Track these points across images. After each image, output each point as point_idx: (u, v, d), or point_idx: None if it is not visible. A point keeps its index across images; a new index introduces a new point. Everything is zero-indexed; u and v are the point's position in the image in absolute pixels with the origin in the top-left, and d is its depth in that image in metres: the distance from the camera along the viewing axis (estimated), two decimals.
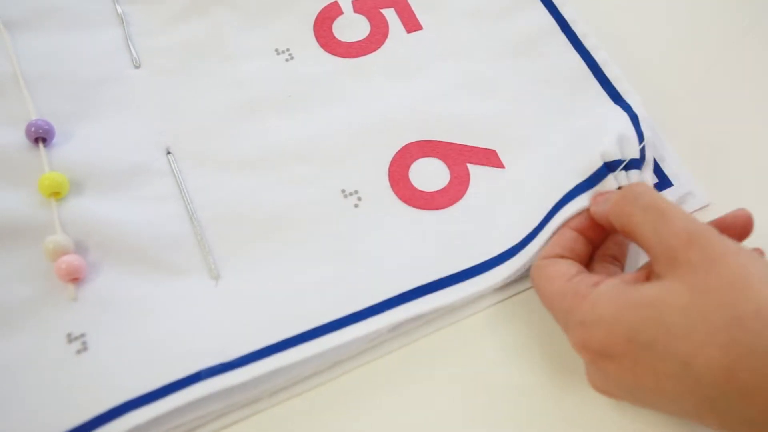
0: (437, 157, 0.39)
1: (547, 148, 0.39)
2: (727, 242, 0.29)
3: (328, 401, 0.34)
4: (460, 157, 0.39)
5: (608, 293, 0.30)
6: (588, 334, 0.30)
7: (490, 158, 0.39)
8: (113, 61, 0.42)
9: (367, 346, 0.34)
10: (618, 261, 0.35)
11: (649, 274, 0.31)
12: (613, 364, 0.30)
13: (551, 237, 0.34)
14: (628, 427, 0.33)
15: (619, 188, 0.34)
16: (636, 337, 0.29)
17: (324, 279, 0.35)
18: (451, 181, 0.38)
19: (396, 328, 0.35)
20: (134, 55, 0.42)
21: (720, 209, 0.34)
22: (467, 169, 0.38)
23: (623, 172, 0.35)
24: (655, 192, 0.31)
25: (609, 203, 0.32)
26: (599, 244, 0.35)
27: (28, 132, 0.38)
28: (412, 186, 0.38)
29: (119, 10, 0.44)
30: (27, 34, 0.42)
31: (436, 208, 0.37)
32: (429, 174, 0.38)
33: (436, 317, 0.35)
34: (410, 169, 0.39)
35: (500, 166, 0.39)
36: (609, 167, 0.35)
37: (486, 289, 0.35)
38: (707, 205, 0.39)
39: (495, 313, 0.36)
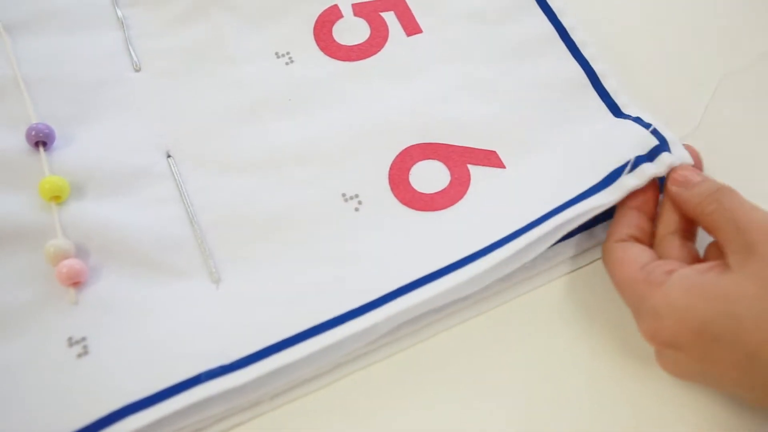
0: (438, 159, 0.39)
1: (549, 148, 0.39)
2: None
3: (328, 404, 0.34)
4: (461, 159, 0.39)
5: (682, 283, 0.31)
6: (659, 323, 0.31)
7: (490, 159, 0.39)
8: (113, 64, 0.42)
9: (366, 348, 0.34)
10: (690, 239, 0.35)
11: (723, 264, 0.31)
12: (682, 353, 0.31)
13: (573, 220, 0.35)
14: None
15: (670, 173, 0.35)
16: (706, 330, 0.29)
17: (324, 280, 0.35)
18: (451, 182, 0.38)
19: (396, 331, 0.35)
20: (134, 58, 0.42)
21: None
22: (468, 170, 0.39)
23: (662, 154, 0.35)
24: (734, 190, 0.32)
25: (689, 191, 0.34)
26: (654, 215, 0.36)
27: (28, 136, 0.38)
28: (413, 189, 0.38)
29: (119, 13, 0.44)
30: (27, 37, 0.42)
31: (437, 209, 0.37)
32: (429, 176, 0.38)
33: (435, 320, 0.35)
34: (410, 172, 0.39)
35: (501, 166, 0.39)
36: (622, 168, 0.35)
37: (481, 273, 0.34)
38: None
39: (495, 316, 0.36)
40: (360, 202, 0.38)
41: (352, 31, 0.44)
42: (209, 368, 0.31)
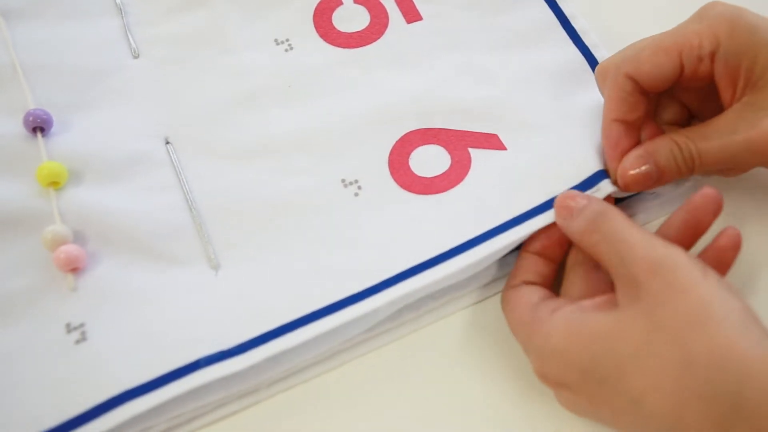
0: (438, 144, 0.39)
1: (550, 132, 0.38)
2: (694, 271, 0.28)
3: (326, 391, 0.34)
4: (461, 142, 0.39)
5: (563, 323, 0.29)
6: (544, 364, 0.30)
7: (491, 141, 0.39)
8: (112, 50, 0.42)
9: (366, 335, 0.34)
10: (598, 268, 0.33)
11: (612, 300, 0.30)
12: (572, 393, 0.30)
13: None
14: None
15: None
16: (589, 371, 0.28)
17: (323, 266, 0.35)
18: (452, 165, 0.38)
19: (395, 318, 0.34)
20: (133, 45, 0.42)
21: None
22: (468, 153, 0.38)
23: None
24: (617, 214, 0.31)
25: (572, 222, 0.32)
26: (561, 258, 0.34)
27: (26, 121, 0.38)
28: (413, 173, 0.38)
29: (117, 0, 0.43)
30: (25, 24, 0.42)
31: (437, 192, 0.37)
32: (430, 160, 0.38)
33: (435, 307, 0.35)
34: (410, 157, 0.38)
35: (502, 148, 0.38)
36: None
37: (481, 260, 0.34)
38: None
39: (483, 307, 0.36)
40: (360, 187, 0.37)
41: (352, 18, 0.43)
42: (208, 354, 0.31)
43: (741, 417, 0.25)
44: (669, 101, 0.37)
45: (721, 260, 0.32)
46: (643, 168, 0.33)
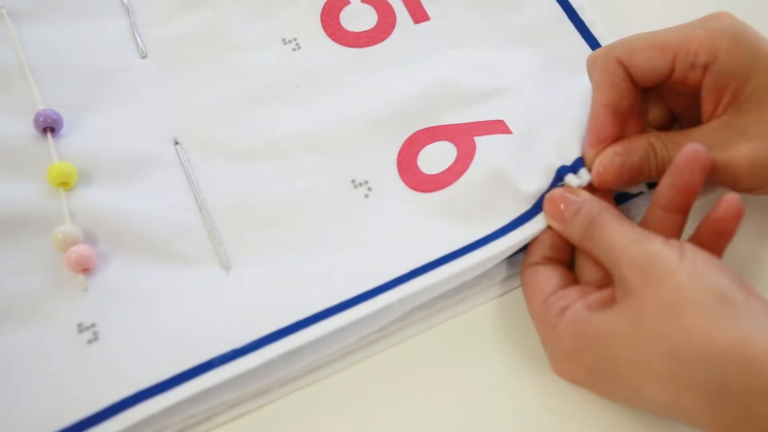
0: (445, 140, 0.39)
1: (557, 120, 0.38)
2: (670, 260, 0.28)
3: (339, 391, 0.34)
4: (468, 133, 0.38)
5: (570, 326, 0.30)
6: (558, 365, 0.32)
7: (497, 127, 0.38)
8: (119, 51, 0.42)
9: (377, 335, 0.34)
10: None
11: (612, 295, 0.30)
12: (587, 388, 0.31)
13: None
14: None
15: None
16: (594, 370, 0.30)
17: (335, 265, 0.35)
18: (457, 157, 0.38)
19: (407, 317, 0.34)
20: (140, 45, 0.42)
21: None
22: (474, 142, 0.38)
23: None
24: (608, 219, 0.31)
25: (568, 228, 0.33)
26: None
27: (36, 122, 0.38)
28: (421, 172, 0.38)
29: (125, 0, 0.43)
30: (33, 25, 0.42)
31: (443, 187, 0.37)
32: (437, 156, 0.38)
33: (447, 306, 0.35)
34: (419, 156, 0.38)
35: (508, 131, 0.38)
36: None
37: (493, 257, 0.34)
38: None
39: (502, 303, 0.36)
40: (370, 188, 0.37)
41: (359, 17, 0.43)
42: (221, 353, 0.31)
43: (728, 401, 0.26)
44: (654, 102, 0.37)
45: (721, 231, 0.31)
46: (618, 164, 0.33)
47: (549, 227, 0.34)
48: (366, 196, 0.37)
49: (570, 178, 0.34)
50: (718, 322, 0.27)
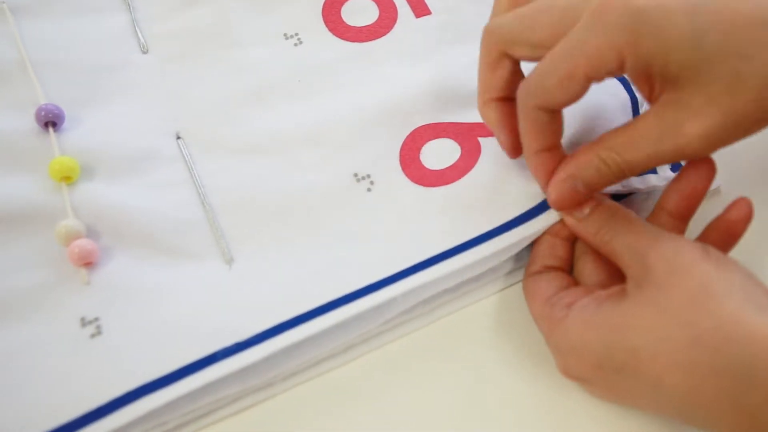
0: (448, 137, 0.39)
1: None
2: (695, 253, 0.29)
3: (341, 385, 0.34)
4: (471, 133, 0.39)
5: (579, 318, 0.30)
6: (564, 361, 0.31)
7: None
8: (121, 46, 0.42)
9: (379, 329, 0.34)
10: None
11: (622, 290, 0.30)
12: (592, 386, 0.31)
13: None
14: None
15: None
16: (605, 363, 0.29)
17: (338, 259, 0.35)
18: (461, 156, 0.38)
19: (409, 311, 0.34)
20: (141, 40, 0.42)
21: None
22: (478, 142, 0.38)
23: None
24: (627, 211, 0.32)
25: (584, 223, 0.33)
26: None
27: (38, 116, 0.37)
28: (424, 166, 0.38)
29: None
30: (33, 20, 0.42)
31: (447, 183, 0.37)
32: (440, 153, 0.38)
33: (450, 299, 0.35)
34: (421, 151, 0.38)
35: None
36: None
37: (498, 252, 0.34)
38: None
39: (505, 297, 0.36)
40: (372, 182, 0.37)
41: (360, 12, 0.43)
42: (225, 346, 0.31)
43: (753, 385, 0.26)
44: None
45: (730, 233, 0.32)
46: (569, 188, 0.32)
47: (550, 235, 0.34)
48: (369, 190, 0.37)
49: None
50: (747, 309, 0.27)
